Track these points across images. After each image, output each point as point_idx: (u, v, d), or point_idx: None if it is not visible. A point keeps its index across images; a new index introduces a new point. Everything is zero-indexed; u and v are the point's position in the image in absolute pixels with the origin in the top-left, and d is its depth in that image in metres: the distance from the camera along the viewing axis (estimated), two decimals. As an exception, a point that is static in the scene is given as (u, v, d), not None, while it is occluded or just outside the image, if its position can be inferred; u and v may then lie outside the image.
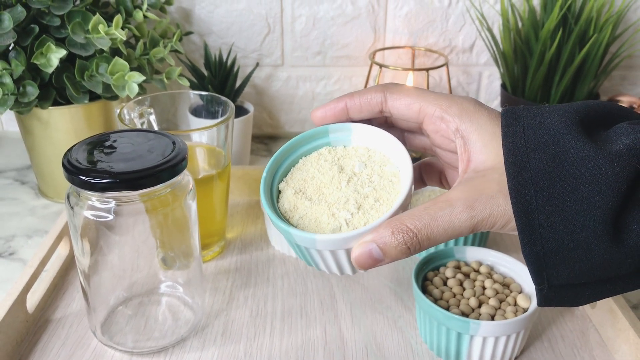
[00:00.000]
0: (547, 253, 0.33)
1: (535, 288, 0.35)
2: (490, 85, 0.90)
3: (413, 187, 0.37)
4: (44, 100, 0.63)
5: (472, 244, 0.58)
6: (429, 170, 0.45)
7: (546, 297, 0.35)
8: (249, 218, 0.66)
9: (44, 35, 0.61)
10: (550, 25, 0.72)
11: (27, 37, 0.61)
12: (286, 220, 0.37)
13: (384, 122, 0.42)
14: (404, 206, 0.37)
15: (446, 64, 0.81)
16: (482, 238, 0.58)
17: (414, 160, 0.39)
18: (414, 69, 0.80)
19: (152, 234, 0.46)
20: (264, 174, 0.38)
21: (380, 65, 0.78)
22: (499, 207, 0.34)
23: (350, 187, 0.38)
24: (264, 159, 0.85)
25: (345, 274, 0.38)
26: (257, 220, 0.65)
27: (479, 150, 0.36)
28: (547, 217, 0.33)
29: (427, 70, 0.77)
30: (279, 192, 0.39)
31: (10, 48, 0.61)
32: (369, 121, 0.41)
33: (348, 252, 0.36)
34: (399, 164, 0.38)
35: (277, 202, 0.39)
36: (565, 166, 0.33)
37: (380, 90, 0.39)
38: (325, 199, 0.38)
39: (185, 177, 0.46)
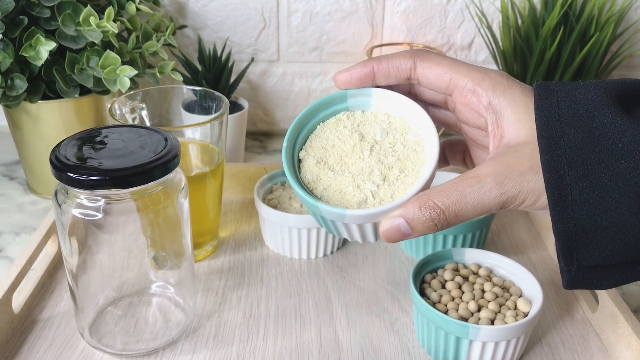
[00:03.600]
0: (579, 231, 0.32)
1: (563, 270, 0.34)
2: (488, 83, 0.89)
3: (438, 159, 0.36)
4: (32, 94, 0.62)
5: (471, 246, 0.57)
6: (452, 149, 0.44)
7: (574, 279, 0.34)
8: (242, 217, 0.65)
9: (33, 27, 0.59)
10: (551, 24, 0.71)
11: (15, 28, 0.60)
12: (310, 191, 0.37)
13: (408, 92, 0.40)
14: (431, 179, 0.36)
15: (444, 62, 0.80)
16: (481, 239, 0.57)
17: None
18: (411, 66, 0.79)
19: (142, 233, 0.45)
20: (285, 144, 0.38)
21: (378, 62, 0.77)
22: (529, 184, 0.33)
23: (373, 156, 0.37)
24: (259, 156, 0.84)
25: (367, 242, 0.38)
26: (251, 219, 0.64)
27: (512, 125, 0.35)
28: (581, 194, 0.32)
29: (425, 67, 0.76)
30: (299, 160, 0.38)
31: (-2, 40, 0.60)
32: (392, 88, 0.39)
33: (375, 225, 0.36)
34: (421, 131, 0.38)
35: (299, 172, 0.38)
36: (601, 141, 0.32)
37: (410, 57, 0.38)
38: (349, 169, 0.37)
39: (177, 175, 0.45)
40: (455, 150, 0.44)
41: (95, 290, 0.47)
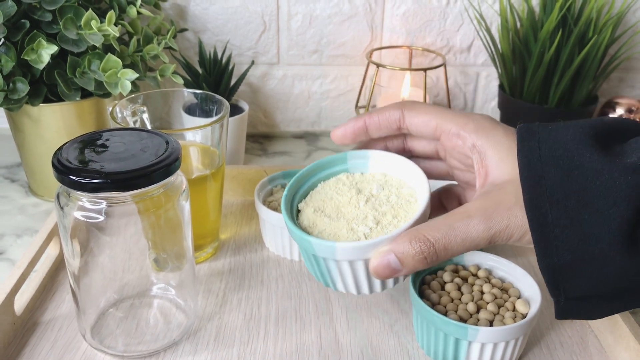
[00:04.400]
0: (563, 265, 0.33)
1: (553, 300, 0.35)
2: (487, 85, 0.90)
3: (429, 203, 0.38)
4: (34, 97, 0.62)
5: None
6: (448, 196, 0.46)
7: (563, 310, 0.36)
8: (243, 219, 0.65)
9: (35, 31, 0.60)
10: (550, 26, 0.71)
11: (17, 32, 0.60)
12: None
13: (402, 148, 0.43)
14: (422, 220, 0.37)
15: (444, 64, 0.80)
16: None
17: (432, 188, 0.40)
18: (411, 69, 0.80)
19: (144, 235, 0.45)
20: (285, 192, 0.40)
21: (378, 65, 0.77)
22: (516, 219, 0.34)
23: (368, 205, 0.39)
24: (259, 158, 0.84)
25: (362, 294, 0.38)
26: (252, 221, 0.65)
27: (495, 164, 0.37)
28: (563, 230, 0.33)
29: (424, 70, 0.76)
30: (298, 211, 0.40)
31: (0, 43, 0.60)
32: (387, 140, 0.42)
33: (366, 264, 0.36)
34: (415, 185, 0.39)
35: (297, 219, 0.40)
36: (580, 180, 0.33)
37: (398, 108, 0.40)
38: (344, 216, 0.39)
39: (178, 178, 0.45)
40: (451, 197, 0.46)
41: (96, 292, 0.48)
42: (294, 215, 0.40)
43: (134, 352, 0.46)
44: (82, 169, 0.39)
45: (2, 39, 0.60)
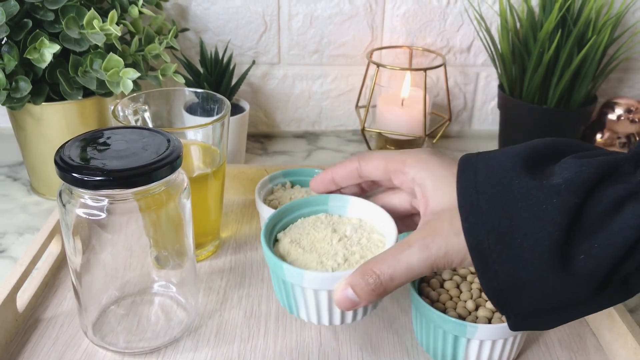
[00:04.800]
0: (504, 288, 0.36)
1: (505, 316, 0.38)
2: (487, 86, 0.90)
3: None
4: (36, 96, 0.63)
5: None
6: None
7: (514, 325, 0.38)
8: (243, 217, 0.65)
9: (37, 30, 0.60)
10: (549, 27, 0.71)
11: (20, 31, 0.60)
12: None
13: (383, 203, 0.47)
14: None
15: (444, 64, 0.80)
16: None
17: None
18: (411, 69, 0.80)
19: (145, 233, 0.46)
20: (267, 220, 0.44)
21: (378, 65, 0.78)
22: (452, 246, 0.37)
23: (340, 244, 0.43)
24: (260, 157, 0.85)
25: (322, 324, 0.42)
26: (252, 219, 0.65)
27: (433, 194, 0.40)
28: (499, 255, 0.35)
29: (424, 70, 0.77)
30: (277, 240, 0.45)
31: (2, 42, 0.60)
32: (361, 187, 0.47)
33: (329, 295, 0.40)
34: (385, 233, 0.44)
35: (274, 246, 0.44)
36: (511, 206, 0.35)
37: (356, 159, 0.45)
38: (317, 250, 0.42)
39: (179, 176, 0.45)
40: None
41: (98, 289, 0.48)
42: (272, 243, 0.44)
43: (135, 349, 0.46)
44: (84, 166, 0.39)
45: (5, 38, 0.60)
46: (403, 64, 0.87)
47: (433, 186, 0.40)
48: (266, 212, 0.57)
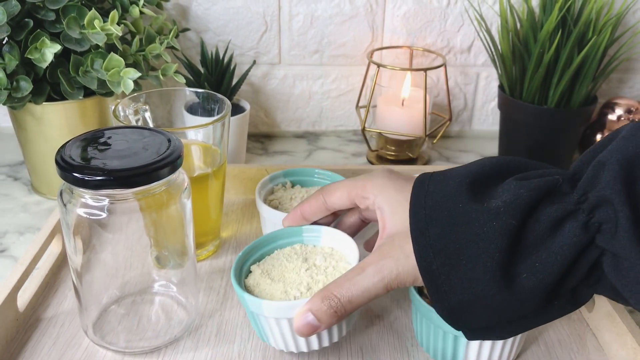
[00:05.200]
0: (454, 307, 0.37)
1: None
2: (487, 86, 0.90)
3: None
4: (37, 95, 0.63)
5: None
6: None
7: (471, 337, 0.40)
8: (244, 217, 0.65)
9: (38, 30, 0.60)
10: (549, 27, 0.71)
11: (21, 31, 0.61)
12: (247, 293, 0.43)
13: (360, 220, 0.49)
14: None
15: (444, 65, 0.80)
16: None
17: None
18: (411, 69, 0.80)
19: (145, 233, 0.46)
20: (240, 254, 0.46)
21: (378, 65, 0.78)
22: (403, 268, 0.38)
23: (307, 273, 0.45)
24: (260, 157, 0.85)
25: (290, 351, 0.44)
26: (252, 219, 0.65)
27: (390, 218, 0.41)
28: (447, 276, 0.36)
29: (425, 70, 0.77)
30: (250, 271, 0.47)
31: (3, 42, 0.61)
32: (336, 215, 0.50)
33: (291, 323, 0.41)
34: (352, 261, 0.45)
35: (246, 278, 0.46)
36: (455, 229, 0.36)
37: (320, 193, 0.47)
38: (285, 280, 0.44)
39: (180, 176, 0.46)
40: None
41: (99, 288, 0.48)
42: (243, 274, 0.46)
43: (136, 349, 0.46)
44: (85, 166, 0.39)
45: (6, 38, 0.60)
46: (403, 64, 0.87)
47: (390, 211, 0.41)
48: (266, 212, 0.57)
